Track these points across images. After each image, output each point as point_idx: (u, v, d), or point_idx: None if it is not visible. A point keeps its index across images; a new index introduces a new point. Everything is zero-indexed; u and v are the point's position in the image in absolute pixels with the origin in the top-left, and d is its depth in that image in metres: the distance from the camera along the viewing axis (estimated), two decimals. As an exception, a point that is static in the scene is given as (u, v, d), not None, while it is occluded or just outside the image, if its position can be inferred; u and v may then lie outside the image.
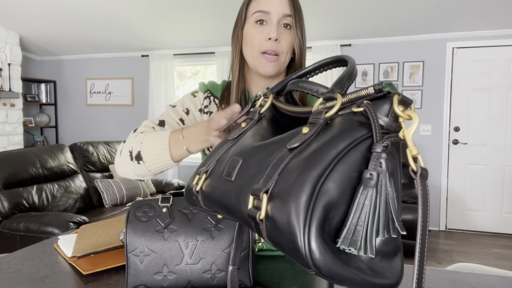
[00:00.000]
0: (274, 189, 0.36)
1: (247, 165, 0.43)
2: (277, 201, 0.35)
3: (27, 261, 0.84)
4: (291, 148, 0.39)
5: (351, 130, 0.37)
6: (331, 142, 0.36)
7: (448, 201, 3.98)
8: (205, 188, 0.47)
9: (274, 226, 0.35)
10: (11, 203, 2.69)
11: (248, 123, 0.53)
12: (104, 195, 3.31)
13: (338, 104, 0.40)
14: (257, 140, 0.48)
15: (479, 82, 3.84)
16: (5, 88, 4.10)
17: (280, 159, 0.39)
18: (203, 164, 0.52)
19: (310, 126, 0.40)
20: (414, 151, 0.36)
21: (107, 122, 5.14)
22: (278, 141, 0.43)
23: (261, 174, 0.40)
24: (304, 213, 0.32)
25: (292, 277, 0.75)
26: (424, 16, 3.46)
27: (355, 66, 0.47)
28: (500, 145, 3.81)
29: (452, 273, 0.78)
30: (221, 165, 0.47)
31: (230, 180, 0.43)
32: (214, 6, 3.45)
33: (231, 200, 0.42)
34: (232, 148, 0.50)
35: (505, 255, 3.28)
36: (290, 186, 0.35)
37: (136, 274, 0.66)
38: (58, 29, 4.16)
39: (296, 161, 0.37)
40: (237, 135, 0.52)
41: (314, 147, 0.37)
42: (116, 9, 3.57)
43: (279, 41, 0.82)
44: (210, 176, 0.48)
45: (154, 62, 4.73)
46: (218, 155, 0.50)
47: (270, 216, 0.35)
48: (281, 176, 0.37)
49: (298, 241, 0.32)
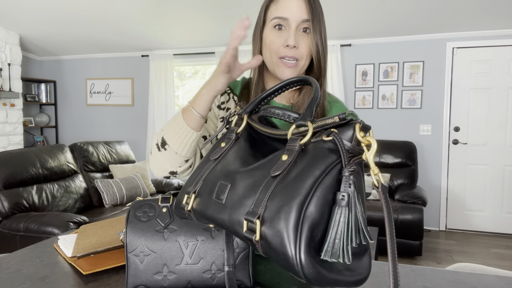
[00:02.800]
0: (265, 214, 0.43)
1: (235, 190, 0.49)
2: (269, 225, 0.42)
3: (27, 261, 0.84)
4: (274, 175, 0.46)
5: (323, 158, 0.44)
6: (308, 170, 0.43)
7: (448, 201, 3.98)
8: (196, 206, 0.54)
9: (269, 246, 0.41)
10: (11, 203, 2.69)
11: (227, 143, 0.58)
12: (104, 195, 3.31)
13: (310, 132, 0.47)
14: (239, 163, 0.54)
15: (479, 82, 3.84)
16: (5, 88, 4.10)
17: (266, 186, 0.46)
18: (189, 184, 0.57)
19: (288, 153, 0.47)
20: (376, 170, 0.42)
21: (107, 122, 5.14)
22: (261, 167, 0.50)
23: (250, 199, 0.46)
24: (294, 236, 0.39)
25: (292, 277, 0.75)
26: (424, 16, 3.46)
27: (319, 91, 0.53)
28: (500, 145, 3.81)
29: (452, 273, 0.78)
30: (208, 186, 0.54)
31: (221, 203, 0.50)
32: (214, 6, 3.45)
33: (225, 221, 0.49)
34: (216, 168, 0.56)
35: (505, 255, 3.28)
36: (279, 212, 0.41)
37: (136, 274, 0.66)
38: (58, 29, 4.16)
39: (281, 188, 0.44)
40: (219, 156, 0.57)
41: (294, 174, 0.44)
42: (116, 9, 3.57)
43: (297, 47, 0.82)
44: (199, 196, 0.54)
45: (154, 62, 4.73)
46: (203, 175, 0.56)
47: (264, 238, 0.42)
48: (269, 202, 0.43)
49: (290, 259, 0.39)
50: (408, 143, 3.85)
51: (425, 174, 4.01)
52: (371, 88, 4.14)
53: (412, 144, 3.85)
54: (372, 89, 4.14)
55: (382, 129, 4.13)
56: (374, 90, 4.13)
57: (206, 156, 0.60)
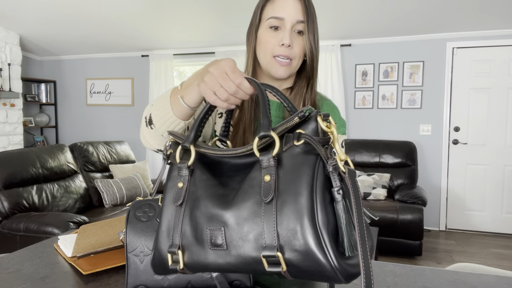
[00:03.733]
0: (281, 242, 0.42)
1: (232, 231, 0.46)
2: (291, 251, 0.41)
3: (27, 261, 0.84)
4: (268, 201, 0.44)
5: (305, 163, 0.44)
6: (299, 181, 0.43)
7: (448, 201, 3.98)
8: (188, 261, 0.49)
9: (299, 270, 0.41)
10: (11, 203, 2.69)
11: (184, 181, 0.52)
12: (104, 195, 3.31)
13: (277, 142, 0.46)
14: (215, 200, 0.49)
15: (479, 82, 3.84)
16: (5, 88, 4.10)
17: (267, 215, 0.43)
18: (163, 240, 0.51)
19: (267, 171, 0.45)
20: (343, 156, 0.43)
21: (107, 122, 5.14)
22: (245, 197, 0.46)
23: (253, 232, 0.44)
24: (321, 249, 0.39)
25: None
26: (424, 16, 3.46)
27: (266, 96, 0.53)
28: (500, 145, 3.81)
29: (452, 273, 0.78)
30: (193, 236, 0.48)
31: (222, 249, 0.46)
32: (214, 6, 3.45)
33: (234, 264, 0.46)
34: (190, 214, 0.50)
35: (505, 255, 3.28)
36: (296, 234, 0.41)
37: (136, 274, 0.66)
38: (58, 29, 4.16)
39: (283, 211, 0.42)
40: (182, 199, 0.51)
41: (287, 191, 0.43)
42: (116, 9, 3.57)
43: (292, 47, 0.84)
44: (187, 249, 0.49)
45: (154, 62, 4.73)
46: (176, 227, 0.50)
47: (291, 265, 0.41)
48: (279, 229, 0.42)
49: (329, 271, 0.40)
50: (408, 143, 3.85)
51: (425, 174, 4.01)
52: (371, 88, 4.14)
53: (412, 144, 3.85)
54: (372, 89, 4.13)
55: (382, 129, 4.13)
56: (374, 90, 4.13)
57: (165, 202, 0.53)
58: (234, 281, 0.67)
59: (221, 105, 0.60)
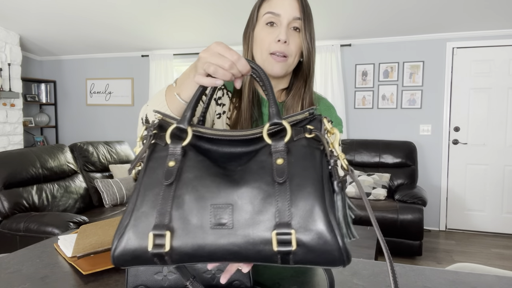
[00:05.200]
0: (293, 222, 0.43)
1: (241, 209, 0.44)
2: (304, 231, 0.43)
3: (27, 261, 0.84)
4: (281, 182, 0.45)
5: (314, 154, 0.48)
6: (310, 168, 0.46)
7: (448, 201, 3.98)
8: (176, 245, 0.44)
9: (307, 251, 0.43)
10: (11, 203, 2.69)
11: (176, 161, 0.49)
12: (104, 195, 3.31)
13: (290, 131, 0.49)
14: (220, 180, 0.46)
15: (479, 82, 3.84)
16: (5, 88, 4.10)
17: (282, 195, 0.44)
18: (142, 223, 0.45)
19: (279, 155, 0.47)
20: (342, 156, 0.48)
21: (107, 122, 5.14)
22: (256, 178, 0.46)
23: (266, 213, 0.44)
24: (332, 232, 0.42)
25: (292, 277, 0.75)
26: (424, 16, 3.46)
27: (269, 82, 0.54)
28: (500, 145, 3.81)
29: (452, 273, 0.78)
30: (190, 216, 0.45)
31: (227, 228, 0.44)
32: (214, 6, 3.45)
33: (242, 247, 0.44)
34: (183, 193, 0.46)
35: (505, 255, 3.28)
36: (311, 215, 0.43)
37: (136, 274, 0.66)
38: (58, 29, 4.16)
39: (297, 193, 0.44)
40: (174, 177, 0.47)
41: (299, 176, 0.45)
42: (116, 9, 3.57)
43: (288, 43, 0.84)
44: (179, 230, 0.44)
45: (154, 62, 4.73)
46: (166, 207, 0.45)
47: (301, 244, 0.43)
48: (294, 209, 0.43)
49: (337, 252, 0.42)
50: (408, 143, 3.85)
51: (425, 174, 4.01)
52: (371, 88, 4.14)
53: (412, 144, 3.85)
54: (372, 89, 4.13)
55: (382, 129, 4.13)
56: (374, 90, 4.13)
57: (144, 183, 0.48)
58: (234, 281, 0.67)
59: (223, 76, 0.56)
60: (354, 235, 0.46)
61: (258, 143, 0.51)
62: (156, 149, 0.51)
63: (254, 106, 0.89)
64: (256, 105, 0.90)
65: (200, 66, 0.59)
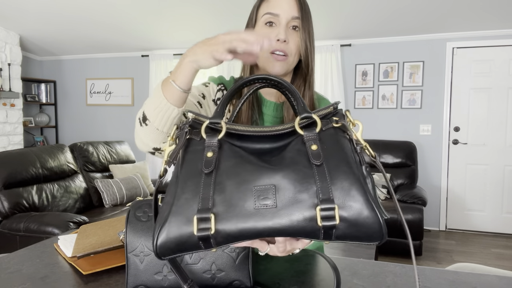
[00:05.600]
0: (336, 199, 0.46)
1: (283, 190, 0.47)
2: (344, 207, 0.46)
3: (27, 261, 0.84)
4: (319, 164, 0.48)
5: (344, 141, 0.52)
6: (342, 153, 0.50)
7: (448, 201, 3.98)
8: (219, 227, 0.46)
9: (349, 225, 0.46)
10: (11, 203, 2.69)
11: (214, 152, 0.51)
12: (104, 195, 3.31)
13: (319, 123, 0.53)
14: (259, 166, 0.49)
15: (479, 82, 3.84)
16: (5, 88, 4.10)
17: (321, 175, 0.47)
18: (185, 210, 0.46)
19: (313, 142, 0.51)
20: (367, 145, 0.52)
21: (107, 122, 5.14)
22: (295, 162, 0.49)
23: (305, 192, 0.47)
24: (371, 207, 0.45)
25: (292, 277, 0.75)
26: (424, 16, 3.46)
27: (295, 89, 0.57)
28: (500, 145, 3.81)
29: (452, 273, 0.78)
30: (233, 198, 0.47)
31: (272, 207, 0.46)
32: (214, 6, 3.45)
33: (286, 225, 0.46)
34: (221, 180, 0.48)
35: (505, 255, 3.28)
36: (349, 193, 0.46)
37: (136, 274, 0.66)
38: (58, 29, 4.16)
39: (334, 173, 0.47)
40: (213, 167, 0.49)
41: (334, 159, 0.49)
42: (116, 9, 3.57)
43: (287, 42, 0.84)
44: (222, 213, 0.46)
45: (154, 62, 4.73)
46: (208, 192, 0.47)
47: (343, 219, 0.45)
48: (333, 188, 0.46)
49: (377, 226, 0.45)
50: (408, 143, 3.85)
51: (425, 174, 4.01)
52: (371, 88, 4.14)
53: (412, 144, 3.85)
54: (372, 89, 4.14)
55: (382, 129, 4.13)
56: (374, 90, 4.13)
57: (183, 174, 0.50)
58: (234, 281, 0.67)
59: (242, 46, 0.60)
60: (385, 214, 0.48)
61: (287, 138, 0.54)
62: (191, 143, 0.53)
63: (253, 106, 0.90)
64: (256, 105, 0.91)
65: (220, 45, 0.64)
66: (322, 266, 0.81)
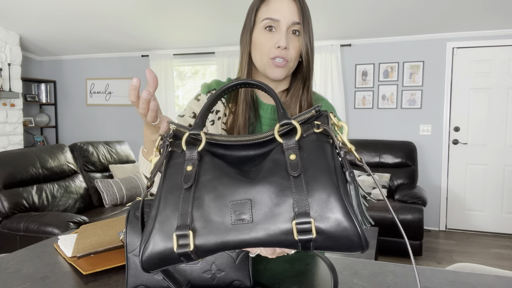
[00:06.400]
0: (311, 211, 0.45)
1: (259, 204, 0.47)
2: (322, 219, 0.44)
3: (27, 261, 0.84)
4: (296, 175, 0.47)
5: (325, 147, 0.50)
6: (322, 161, 0.48)
7: (448, 201, 3.98)
8: (199, 242, 0.46)
9: (326, 237, 0.45)
10: (11, 203, 2.69)
11: (193, 165, 0.51)
12: (104, 195, 3.31)
13: (299, 129, 0.51)
14: (237, 179, 0.49)
15: (479, 82, 3.84)
16: (5, 88, 4.10)
17: (297, 187, 0.46)
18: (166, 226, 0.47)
19: (292, 151, 0.49)
20: (353, 148, 0.50)
21: (107, 122, 5.14)
22: (272, 173, 0.48)
23: (283, 205, 0.46)
24: (350, 218, 0.44)
25: (292, 277, 0.75)
26: (424, 16, 3.46)
27: (276, 94, 0.55)
28: (500, 145, 3.81)
29: (452, 273, 0.78)
30: (211, 214, 0.47)
31: (249, 222, 0.46)
32: (214, 6, 3.45)
33: (259, 239, 0.46)
34: (201, 195, 0.48)
35: (505, 255, 3.28)
36: (327, 204, 0.45)
37: (136, 274, 0.66)
38: (58, 29, 4.16)
39: (312, 184, 0.46)
40: (193, 181, 0.50)
41: (312, 168, 0.47)
42: (116, 9, 3.57)
43: (288, 49, 0.83)
44: (201, 229, 0.46)
45: (154, 62, 4.73)
46: (186, 208, 0.47)
47: (321, 232, 0.44)
48: (310, 200, 0.45)
49: (356, 238, 0.44)
50: (408, 143, 3.85)
51: (425, 174, 4.01)
52: (371, 88, 4.14)
53: (412, 144, 3.85)
54: (372, 89, 4.13)
55: (382, 129, 4.13)
56: (374, 90, 4.13)
57: (165, 188, 0.50)
58: (234, 281, 0.67)
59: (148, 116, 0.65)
60: (370, 221, 0.47)
61: (270, 145, 0.53)
62: (173, 156, 0.54)
63: (250, 109, 0.89)
64: (253, 108, 0.90)
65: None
66: (322, 266, 0.81)
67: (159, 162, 0.54)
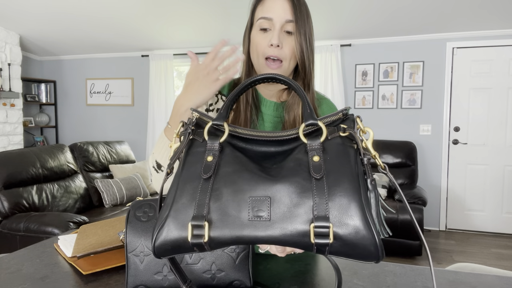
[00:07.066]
0: (330, 216, 0.44)
1: (279, 202, 0.46)
2: (340, 225, 0.44)
3: (27, 261, 0.84)
4: (319, 178, 0.47)
5: (349, 152, 0.49)
6: (345, 166, 0.47)
7: (448, 201, 3.98)
8: (214, 235, 0.46)
9: (344, 244, 0.44)
10: (11, 203, 2.69)
11: (214, 156, 0.51)
12: (104, 195, 3.31)
13: (325, 130, 0.51)
14: (257, 175, 0.48)
15: (479, 82, 3.84)
16: (5, 88, 4.10)
17: (319, 190, 0.46)
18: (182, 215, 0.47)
19: (315, 153, 0.49)
20: (377, 155, 0.50)
21: (107, 122, 5.14)
22: (294, 173, 0.48)
23: (302, 206, 0.45)
24: (368, 227, 0.43)
25: (292, 277, 0.75)
26: (424, 16, 3.46)
27: (303, 91, 0.55)
28: (500, 145, 3.81)
29: (452, 273, 0.78)
30: (228, 207, 0.46)
31: (266, 219, 0.46)
32: (214, 6, 3.45)
33: (279, 239, 0.45)
34: (220, 187, 0.48)
35: (505, 255, 3.28)
36: (348, 210, 0.44)
37: (136, 274, 0.66)
38: (58, 29, 4.16)
39: (334, 189, 0.46)
40: (212, 171, 0.49)
41: (335, 173, 0.47)
42: (116, 9, 3.57)
43: (281, 47, 0.83)
44: (217, 221, 0.46)
45: (154, 62, 4.73)
46: (204, 199, 0.47)
47: (338, 238, 0.44)
48: (331, 204, 0.45)
49: (373, 247, 0.43)
50: (408, 143, 3.85)
51: (425, 174, 4.01)
52: (371, 88, 4.14)
53: (412, 144, 3.85)
54: (372, 89, 4.13)
55: (382, 129, 4.13)
56: (374, 90, 4.13)
57: (183, 177, 0.50)
58: (234, 281, 0.67)
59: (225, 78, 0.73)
60: (388, 232, 0.47)
61: (291, 143, 0.53)
62: (194, 144, 0.53)
63: (252, 106, 0.89)
64: (254, 105, 0.90)
65: (207, 79, 0.77)
66: (322, 266, 0.81)
67: (179, 149, 0.53)
